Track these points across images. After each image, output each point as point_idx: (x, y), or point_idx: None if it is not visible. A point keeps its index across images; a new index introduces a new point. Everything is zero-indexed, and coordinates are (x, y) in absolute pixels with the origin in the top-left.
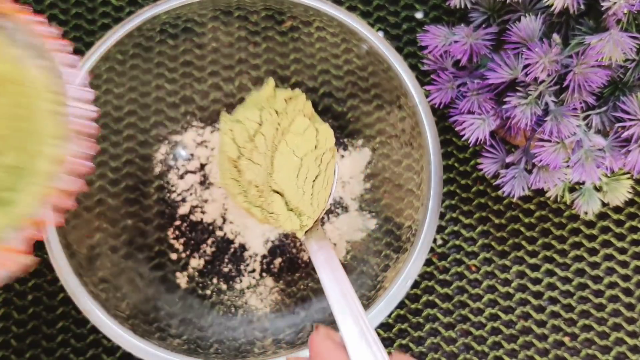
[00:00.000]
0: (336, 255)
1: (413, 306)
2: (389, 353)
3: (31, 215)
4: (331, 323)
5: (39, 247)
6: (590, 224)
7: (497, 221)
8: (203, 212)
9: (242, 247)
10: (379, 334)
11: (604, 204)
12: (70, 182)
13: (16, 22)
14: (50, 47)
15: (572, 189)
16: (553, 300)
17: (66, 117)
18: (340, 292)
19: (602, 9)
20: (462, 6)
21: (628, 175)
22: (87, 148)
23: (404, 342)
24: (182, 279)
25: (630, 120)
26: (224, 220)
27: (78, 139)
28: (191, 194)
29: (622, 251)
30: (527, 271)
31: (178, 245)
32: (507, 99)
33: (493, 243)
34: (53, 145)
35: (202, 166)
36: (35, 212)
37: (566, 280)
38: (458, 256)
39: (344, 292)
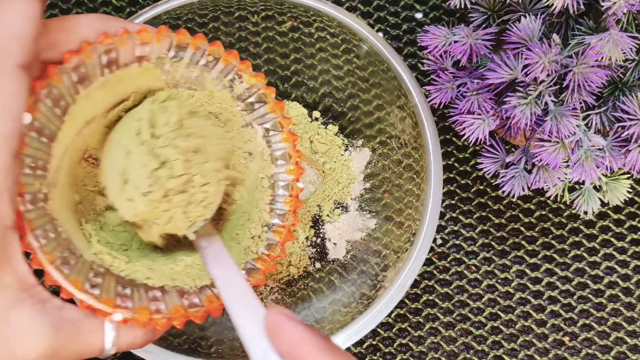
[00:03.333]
0: (225, 248)
1: (413, 305)
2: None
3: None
4: (329, 323)
5: None
6: (590, 224)
7: (497, 221)
8: None
9: None
10: (379, 333)
11: (603, 204)
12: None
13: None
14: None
15: (571, 189)
16: (553, 300)
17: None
18: (234, 286)
19: (602, 8)
20: (462, 6)
21: (627, 175)
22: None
23: (404, 341)
24: None
25: (630, 120)
26: None
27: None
28: None
29: (622, 251)
30: (527, 270)
31: None
32: (506, 99)
33: (493, 242)
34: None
35: None
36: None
37: (566, 280)
38: (458, 256)
39: (237, 285)
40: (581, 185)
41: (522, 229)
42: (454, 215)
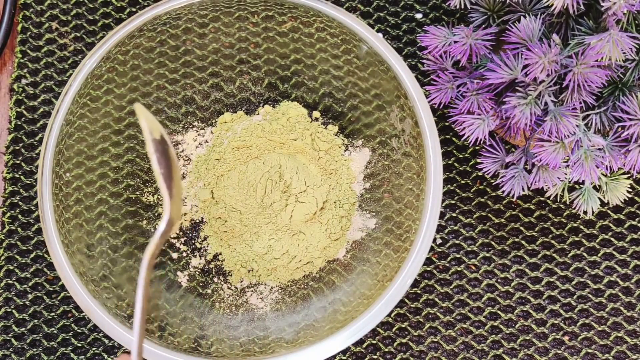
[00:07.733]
0: None
1: (413, 305)
2: None
3: None
4: (329, 323)
5: (40, 246)
6: (589, 223)
7: (496, 220)
8: (204, 211)
9: None
10: (379, 333)
11: (603, 204)
12: None
13: None
14: None
15: (571, 189)
16: (553, 299)
17: None
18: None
19: (602, 9)
20: (462, 6)
21: (627, 175)
22: None
23: (404, 340)
24: (182, 278)
25: (630, 120)
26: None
27: None
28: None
29: (622, 250)
30: (527, 270)
31: (179, 244)
32: (506, 99)
33: (493, 242)
34: None
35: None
36: None
37: (566, 279)
38: (458, 255)
39: None
40: (581, 185)
41: (521, 228)
42: (453, 214)
